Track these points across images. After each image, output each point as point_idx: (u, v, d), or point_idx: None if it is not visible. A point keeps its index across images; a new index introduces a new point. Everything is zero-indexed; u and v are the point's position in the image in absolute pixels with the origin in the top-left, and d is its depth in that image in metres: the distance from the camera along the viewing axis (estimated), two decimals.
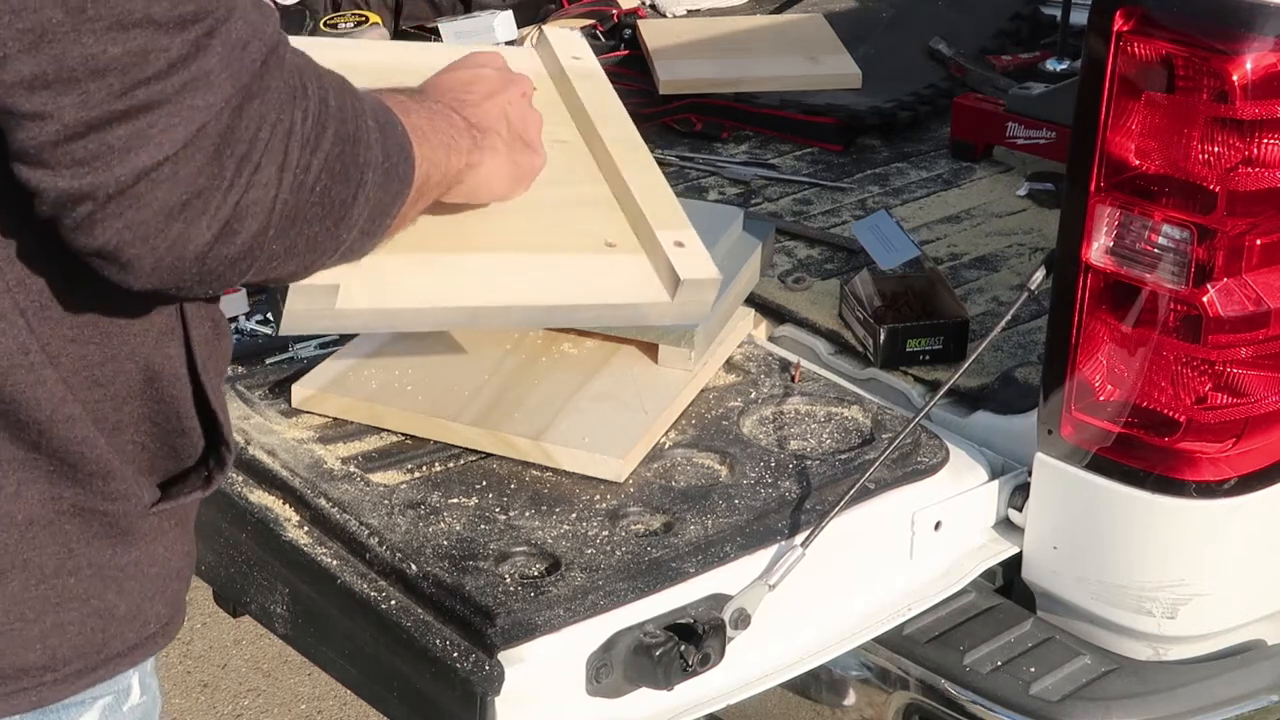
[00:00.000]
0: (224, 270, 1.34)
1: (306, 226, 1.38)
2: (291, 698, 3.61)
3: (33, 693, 1.46)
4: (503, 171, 1.70)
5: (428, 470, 2.15)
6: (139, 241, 1.29)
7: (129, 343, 1.46)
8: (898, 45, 3.60)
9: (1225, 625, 2.24)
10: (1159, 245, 2.03)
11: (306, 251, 1.40)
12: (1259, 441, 2.12)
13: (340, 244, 1.44)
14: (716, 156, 3.14)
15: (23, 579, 1.44)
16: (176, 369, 1.50)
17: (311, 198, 1.37)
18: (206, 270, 1.33)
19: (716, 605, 1.97)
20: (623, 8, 3.69)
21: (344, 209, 1.41)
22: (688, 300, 1.78)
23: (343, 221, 1.42)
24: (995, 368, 2.41)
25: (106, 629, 1.49)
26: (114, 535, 1.48)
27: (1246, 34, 1.94)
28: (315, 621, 2.07)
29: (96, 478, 1.46)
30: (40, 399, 1.41)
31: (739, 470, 2.17)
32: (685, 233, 1.83)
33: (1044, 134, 3.00)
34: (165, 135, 1.26)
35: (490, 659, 1.85)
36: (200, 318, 1.52)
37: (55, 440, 1.43)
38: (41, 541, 1.44)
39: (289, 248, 1.38)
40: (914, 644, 2.22)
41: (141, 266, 1.30)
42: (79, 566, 1.46)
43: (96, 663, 1.49)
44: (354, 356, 2.31)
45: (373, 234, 1.49)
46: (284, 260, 1.38)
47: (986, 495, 2.26)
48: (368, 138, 1.43)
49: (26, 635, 1.45)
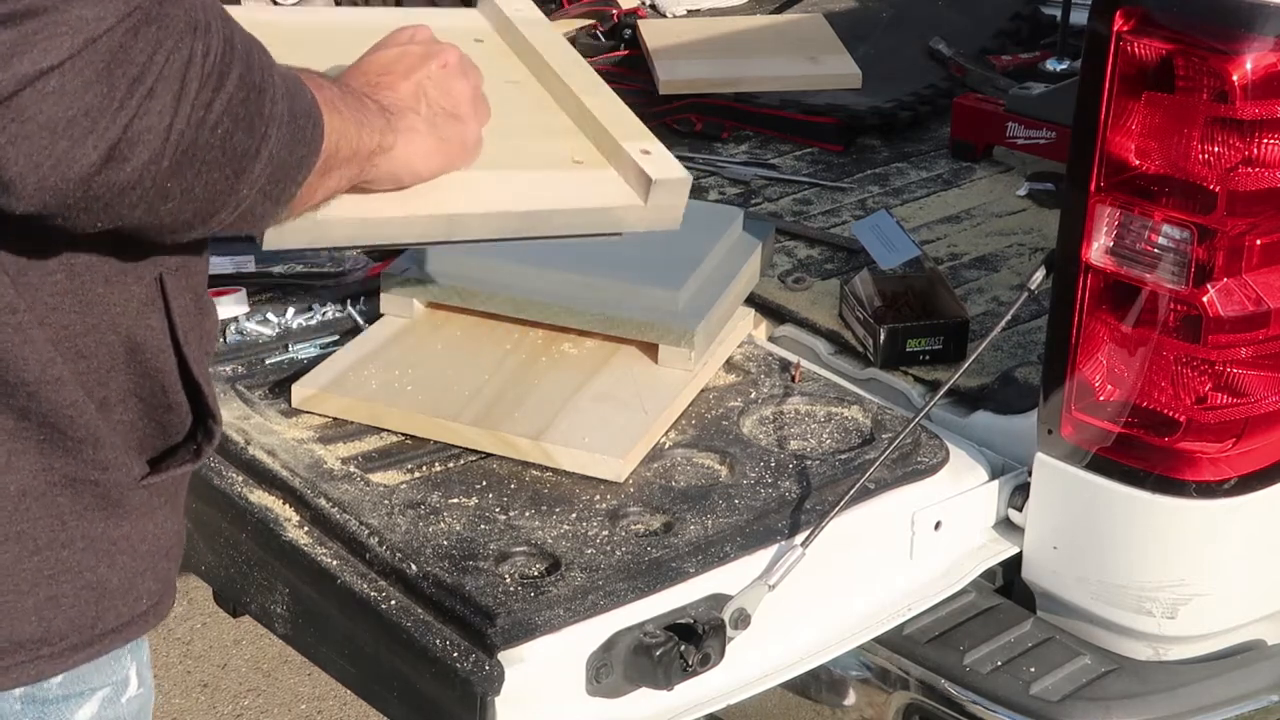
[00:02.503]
0: (111, 199, 1.29)
1: (205, 171, 1.33)
2: (291, 698, 3.61)
3: (30, 666, 1.46)
4: (425, 149, 1.64)
5: (428, 470, 2.15)
6: (22, 158, 1.24)
7: (109, 313, 1.45)
8: (898, 45, 3.60)
9: (1225, 625, 2.24)
10: (1159, 245, 2.03)
11: (203, 197, 1.35)
12: (1259, 441, 2.12)
13: (239, 199, 1.38)
14: (716, 156, 3.14)
15: (16, 551, 1.44)
16: (159, 341, 1.49)
17: (212, 139, 1.32)
18: (92, 195, 1.28)
19: (716, 605, 1.97)
20: (623, 8, 3.69)
21: (245, 160, 1.36)
22: (661, 203, 1.79)
23: (243, 174, 1.37)
24: (995, 368, 2.41)
25: (100, 603, 1.49)
26: (105, 508, 1.48)
27: (1246, 34, 1.94)
28: (315, 621, 2.07)
29: (86, 445, 1.45)
30: (28, 358, 1.40)
31: (739, 470, 2.17)
32: (650, 142, 1.84)
33: (1044, 134, 3.01)
34: (51, 43, 1.21)
35: (490, 659, 1.85)
36: (181, 290, 1.51)
37: (44, 404, 1.42)
38: (35, 513, 1.44)
39: (185, 189, 1.33)
40: (914, 644, 2.22)
41: (25, 185, 1.25)
42: (72, 539, 1.46)
43: (91, 638, 1.49)
44: (354, 356, 2.32)
45: (275, 199, 1.43)
46: (179, 202, 1.33)
47: (986, 495, 2.26)
48: (274, 93, 1.39)
49: (21, 607, 1.45)
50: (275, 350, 2.40)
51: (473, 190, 1.70)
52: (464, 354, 2.33)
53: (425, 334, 2.38)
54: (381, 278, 2.43)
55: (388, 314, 2.42)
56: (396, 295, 2.41)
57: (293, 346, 2.41)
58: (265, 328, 2.45)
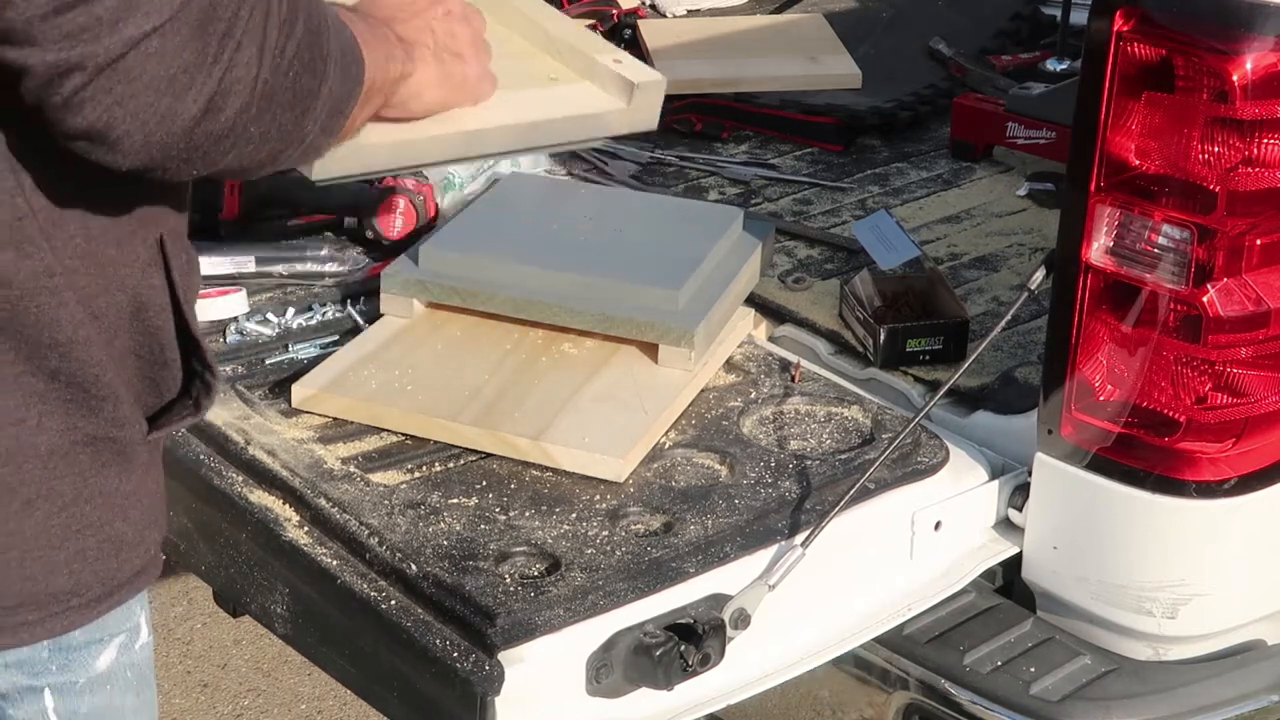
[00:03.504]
0: (209, 147, 1.38)
1: (280, 112, 1.42)
2: (291, 698, 3.61)
3: (63, 617, 1.55)
4: (432, 81, 1.74)
5: (428, 470, 2.15)
6: (129, 117, 1.32)
7: (119, 273, 1.52)
8: (898, 45, 3.60)
9: (1225, 625, 2.24)
10: (1159, 245, 2.03)
11: (277, 139, 1.45)
12: (1259, 441, 2.12)
13: (304, 135, 1.48)
14: (716, 156, 3.14)
15: (47, 508, 1.52)
16: (161, 300, 1.57)
17: (286, 82, 1.41)
18: (193, 146, 1.36)
19: (716, 605, 1.97)
20: (623, 8, 3.69)
21: (310, 99, 1.46)
22: (641, 104, 1.96)
23: (308, 112, 1.46)
24: (995, 368, 2.41)
25: (119, 554, 1.57)
26: (119, 463, 1.56)
27: (1246, 34, 1.94)
28: (315, 621, 2.07)
29: (107, 403, 1.53)
30: (62, 321, 1.48)
31: (739, 470, 2.17)
32: (619, 54, 2.01)
33: (1044, 134, 3.01)
34: (151, 6, 1.30)
35: (490, 659, 1.85)
36: (178, 250, 1.58)
37: (74, 364, 1.50)
38: (61, 471, 1.52)
39: (264, 132, 1.42)
40: (914, 644, 2.22)
41: (131, 143, 1.34)
42: (93, 495, 1.54)
43: (112, 588, 1.58)
44: (354, 356, 2.32)
45: (330, 131, 1.53)
46: (259, 145, 1.43)
47: (986, 495, 2.26)
48: (329, 33, 1.48)
49: (54, 561, 1.53)
50: (275, 350, 2.40)
51: (487, 110, 1.86)
52: (464, 354, 2.33)
53: (425, 334, 2.38)
54: (381, 278, 2.43)
55: (388, 314, 2.42)
56: (396, 295, 2.41)
57: (293, 346, 2.41)
58: (265, 328, 2.45)
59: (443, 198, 2.73)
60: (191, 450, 2.20)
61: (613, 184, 2.99)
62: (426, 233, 2.59)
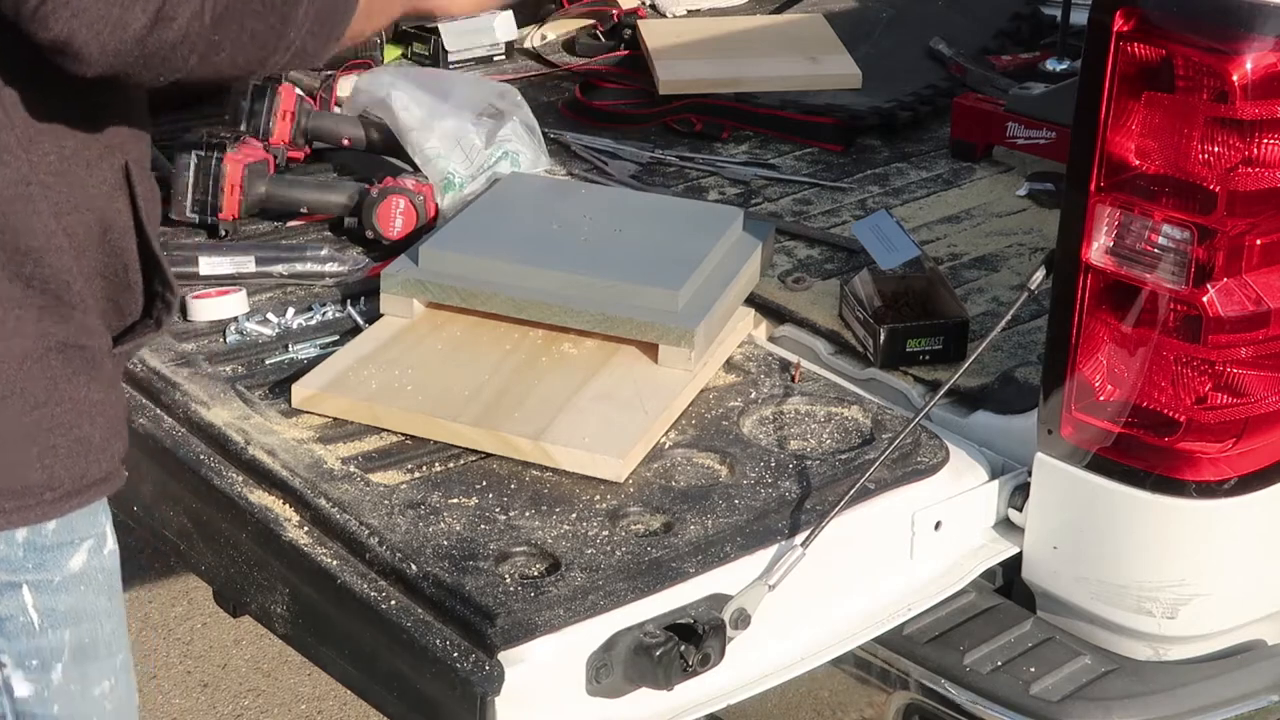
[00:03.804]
0: (167, 54, 1.53)
1: (250, 20, 1.56)
2: (291, 698, 3.61)
3: (37, 509, 1.69)
4: None
5: (428, 470, 2.15)
6: (84, 28, 1.49)
7: (88, 193, 1.67)
8: (898, 45, 3.60)
9: (1225, 625, 2.24)
10: (1159, 245, 2.03)
11: (251, 45, 1.58)
12: (1259, 441, 2.12)
13: (288, 43, 1.61)
14: (716, 156, 3.14)
15: (19, 405, 1.66)
16: (125, 222, 1.72)
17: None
18: (149, 53, 1.52)
19: (716, 605, 1.97)
20: (623, 8, 3.69)
21: (288, 7, 1.59)
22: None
23: (289, 20, 1.60)
24: (995, 368, 2.41)
25: (87, 456, 1.72)
26: (88, 372, 1.70)
27: (1246, 34, 1.94)
28: (315, 621, 2.07)
29: (77, 311, 1.68)
30: (36, 229, 1.63)
31: (739, 470, 2.17)
32: None
33: (1044, 134, 3.00)
34: None
35: (490, 659, 1.85)
36: (142, 176, 1.74)
37: (47, 270, 1.64)
38: (34, 374, 1.67)
39: (233, 40, 1.56)
40: (914, 644, 2.22)
41: (90, 53, 1.51)
42: (63, 398, 1.69)
43: (81, 486, 1.72)
44: (354, 356, 2.32)
45: (323, 38, 1.65)
46: (231, 51, 1.57)
47: (986, 495, 2.26)
48: None
49: (29, 455, 1.68)
50: (275, 350, 2.40)
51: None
52: (464, 354, 2.33)
53: (425, 334, 2.38)
54: (381, 278, 2.43)
55: (388, 314, 2.42)
56: (396, 295, 2.41)
57: (293, 346, 2.41)
58: (265, 328, 2.45)
59: (443, 198, 2.73)
60: (191, 450, 2.20)
61: (613, 184, 2.99)
62: (426, 233, 2.59)
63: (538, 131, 2.87)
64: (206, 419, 2.23)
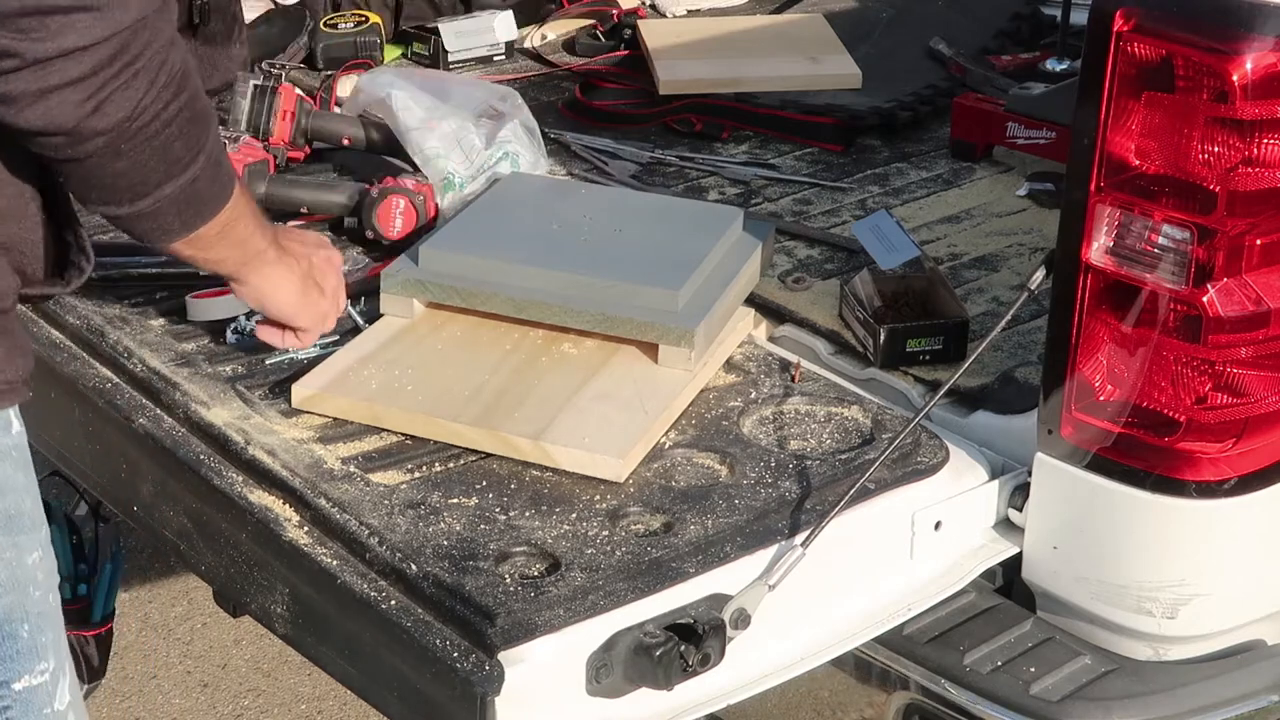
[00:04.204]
0: (85, 139, 1.72)
1: (148, 153, 1.77)
2: (291, 698, 3.61)
3: None
4: (293, 287, 2.14)
5: (428, 470, 2.15)
6: (39, 97, 1.67)
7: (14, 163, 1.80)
8: (898, 45, 3.60)
9: (1225, 625, 2.24)
10: (1159, 245, 2.03)
11: (137, 177, 1.79)
12: (1259, 441, 2.12)
13: (159, 196, 1.82)
14: (716, 156, 3.14)
15: None
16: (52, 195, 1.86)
17: (160, 129, 1.76)
18: (77, 131, 1.71)
19: (716, 605, 1.98)
20: (623, 8, 3.69)
21: (175, 167, 1.81)
22: None
23: (170, 178, 1.81)
24: (995, 368, 2.41)
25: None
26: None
27: (1246, 34, 1.94)
28: (315, 621, 2.07)
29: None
30: None
31: (739, 470, 2.17)
32: None
33: (1044, 134, 3.00)
34: (88, 31, 1.66)
35: (490, 659, 1.85)
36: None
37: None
38: None
39: (131, 160, 1.77)
40: (914, 644, 2.22)
41: (32, 116, 1.69)
42: None
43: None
44: (354, 356, 2.32)
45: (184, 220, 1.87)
46: (125, 165, 1.77)
47: (986, 495, 2.26)
48: (210, 134, 1.85)
49: None
50: (275, 350, 2.40)
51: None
52: (464, 354, 2.33)
53: (425, 334, 2.38)
54: (381, 278, 2.43)
55: (388, 314, 2.42)
56: (396, 295, 2.41)
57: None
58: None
59: (443, 198, 2.72)
60: (191, 450, 2.20)
61: (613, 184, 2.99)
62: (426, 233, 2.59)
63: (538, 134, 2.87)
64: (206, 419, 2.23)
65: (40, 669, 1.90)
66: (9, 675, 1.88)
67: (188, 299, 2.47)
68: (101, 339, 2.41)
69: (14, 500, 1.88)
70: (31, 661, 1.90)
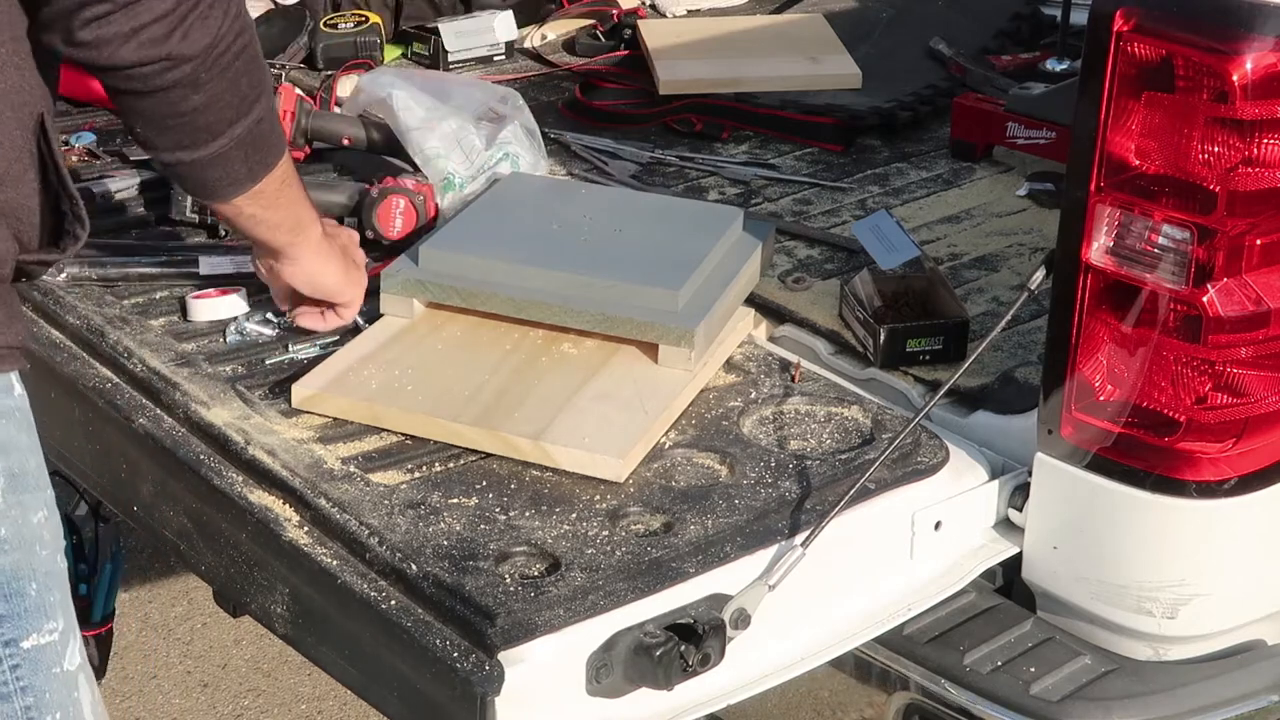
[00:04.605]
0: (174, 66, 1.82)
1: (225, 85, 1.88)
2: (291, 698, 3.61)
3: None
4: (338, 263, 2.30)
5: (428, 470, 2.15)
6: (131, 35, 1.78)
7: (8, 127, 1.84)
8: (898, 45, 3.60)
9: (1225, 625, 2.24)
10: (1159, 245, 2.03)
11: (213, 111, 1.89)
12: (1259, 441, 2.12)
13: (232, 134, 1.93)
14: (716, 156, 3.14)
15: None
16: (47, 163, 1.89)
17: (233, 62, 1.87)
18: (166, 60, 1.81)
19: (716, 605, 1.98)
20: (623, 8, 3.69)
21: (245, 104, 1.92)
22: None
23: (242, 116, 1.93)
24: (995, 368, 2.41)
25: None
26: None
27: (1246, 34, 1.94)
28: (315, 621, 2.07)
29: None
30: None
31: (739, 470, 2.17)
32: None
33: (1044, 134, 3.00)
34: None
35: (490, 659, 1.85)
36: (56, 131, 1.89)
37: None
38: None
39: (210, 92, 1.87)
40: (914, 644, 2.23)
41: (126, 53, 1.80)
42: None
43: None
44: (354, 356, 2.32)
45: (249, 165, 1.99)
46: (204, 99, 1.87)
47: (986, 495, 2.26)
48: (266, 72, 1.95)
49: None
50: (275, 350, 2.40)
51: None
52: (464, 354, 2.33)
53: (425, 334, 2.38)
54: (381, 278, 2.43)
55: (388, 314, 2.42)
56: (396, 295, 2.41)
57: (293, 346, 2.41)
58: (265, 328, 2.45)
59: (443, 198, 2.73)
60: (191, 450, 2.20)
61: (613, 184, 2.99)
62: (426, 233, 2.59)
63: (538, 135, 2.87)
64: (206, 419, 2.23)
65: (49, 628, 1.89)
66: (17, 633, 1.86)
67: (188, 299, 2.47)
68: (101, 339, 2.41)
69: (18, 459, 1.88)
70: (39, 620, 1.88)
